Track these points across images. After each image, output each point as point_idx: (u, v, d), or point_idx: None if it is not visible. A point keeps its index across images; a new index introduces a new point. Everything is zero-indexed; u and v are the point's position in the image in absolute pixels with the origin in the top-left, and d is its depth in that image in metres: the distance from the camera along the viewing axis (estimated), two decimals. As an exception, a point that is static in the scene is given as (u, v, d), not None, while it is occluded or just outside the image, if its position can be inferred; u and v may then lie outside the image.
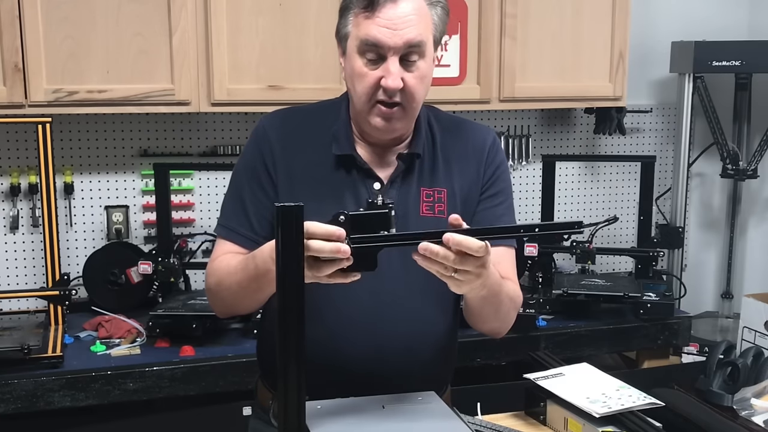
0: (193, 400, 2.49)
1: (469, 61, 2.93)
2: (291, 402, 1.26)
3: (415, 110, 1.55)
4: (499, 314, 1.57)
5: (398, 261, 1.55)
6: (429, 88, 1.57)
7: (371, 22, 1.47)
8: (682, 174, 3.40)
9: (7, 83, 2.51)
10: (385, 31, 1.47)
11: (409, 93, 1.50)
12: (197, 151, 3.05)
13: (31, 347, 2.36)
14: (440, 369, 1.67)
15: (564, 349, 2.81)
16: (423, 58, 1.51)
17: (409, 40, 1.47)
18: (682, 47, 3.35)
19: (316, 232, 1.26)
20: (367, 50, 1.49)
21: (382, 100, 1.51)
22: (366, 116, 1.54)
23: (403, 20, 1.47)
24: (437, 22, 1.54)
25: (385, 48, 1.47)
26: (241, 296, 1.53)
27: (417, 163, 1.61)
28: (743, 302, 2.99)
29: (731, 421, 1.70)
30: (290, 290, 1.25)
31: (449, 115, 1.71)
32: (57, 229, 2.57)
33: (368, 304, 1.55)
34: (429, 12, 1.52)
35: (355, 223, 1.29)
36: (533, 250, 3.02)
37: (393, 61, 1.48)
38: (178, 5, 2.60)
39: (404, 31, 1.47)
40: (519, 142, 3.41)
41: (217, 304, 1.63)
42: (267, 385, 1.68)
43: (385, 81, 1.48)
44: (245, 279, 1.48)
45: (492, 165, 1.65)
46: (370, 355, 1.54)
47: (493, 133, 1.70)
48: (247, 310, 1.62)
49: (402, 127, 1.56)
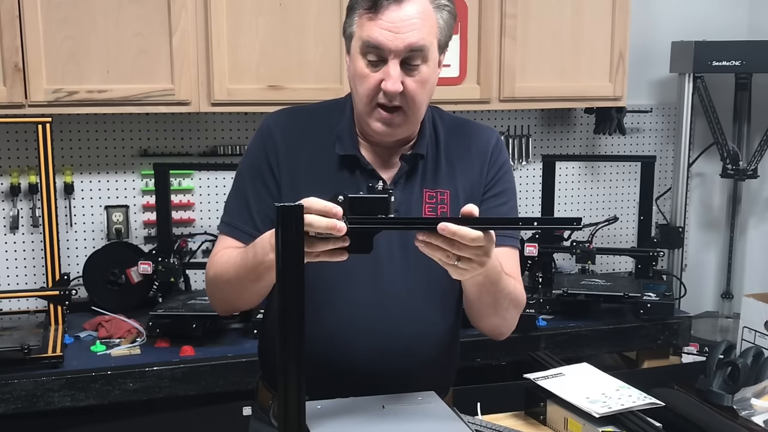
0: (193, 400, 2.49)
1: (469, 61, 2.93)
2: (291, 402, 1.26)
3: (416, 115, 1.54)
4: (498, 308, 1.54)
5: (400, 262, 1.55)
6: (433, 93, 1.56)
7: (374, 24, 1.47)
8: (682, 174, 3.40)
9: (7, 83, 2.51)
10: (386, 34, 1.46)
11: (410, 97, 1.50)
12: (197, 151, 3.05)
13: (31, 347, 2.36)
14: (442, 371, 1.67)
15: (564, 349, 2.81)
16: (426, 63, 1.50)
17: (411, 44, 1.46)
18: (682, 47, 3.35)
19: (313, 206, 1.25)
20: (368, 52, 1.48)
21: (382, 103, 1.50)
22: (367, 119, 1.54)
23: (405, 23, 1.46)
24: (443, 26, 1.52)
25: (386, 51, 1.46)
26: (240, 288, 1.53)
27: (420, 165, 1.60)
28: (743, 302, 2.99)
29: (731, 421, 1.70)
30: (290, 290, 1.25)
31: (453, 115, 1.71)
32: (57, 229, 2.56)
33: (369, 305, 1.54)
34: (434, 15, 1.51)
35: (353, 205, 1.29)
36: (533, 250, 3.02)
37: (394, 64, 1.47)
38: (178, 5, 2.60)
39: (406, 34, 1.46)
40: (519, 142, 3.41)
41: (216, 298, 1.63)
42: (268, 386, 1.68)
43: (384, 84, 1.47)
44: (244, 268, 1.48)
45: (495, 165, 1.65)
46: (372, 356, 1.54)
47: (497, 133, 1.70)
48: (246, 304, 1.61)
49: (403, 131, 1.56)
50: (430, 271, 1.49)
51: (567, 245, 3.14)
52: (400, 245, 1.56)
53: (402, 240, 1.55)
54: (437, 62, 1.55)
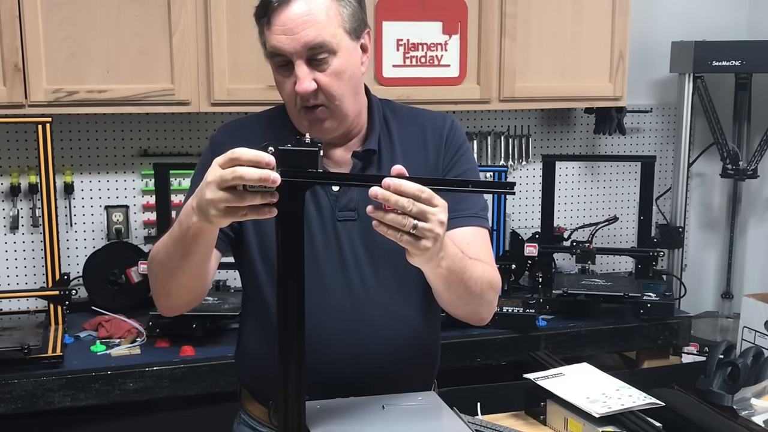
0: (193, 400, 2.49)
1: (469, 61, 2.93)
2: (291, 402, 1.26)
3: (340, 107, 1.50)
4: (471, 296, 1.48)
5: (366, 261, 1.53)
6: (357, 81, 1.53)
7: (271, 31, 1.46)
8: (682, 174, 3.40)
9: (7, 83, 2.51)
10: (282, 38, 1.44)
11: (327, 91, 1.47)
12: (197, 151, 3.04)
13: (31, 347, 2.36)
14: (421, 369, 1.64)
15: (564, 349, 2.81)
16: (334, 54, 1.46)
17: (307, 42, 1.44)
18: (682, 47, 3.35)
19: (243, 155, 1.20)
20: (275, 59, 1.48)
21: (303, 105, 1.49)
22: (298, 123, 1.53)
23: (297, 23, 1.43)
24: (347, 12, 1.48)
25: (288, 54, 1.45)
26: (171, 267, 1.45)
27: (375, 159, 1.57)
28: (743, 302, 2.98)
29: (731, 421, 1.70)
30: (290, 290, 1.25)
31: (405, 106, 1.68)
32: (57, 229, 2.57)
33: (343, 307, 1.52)
34: (332, 5, 1.46)
35: (281, 158, 1.22)
36: (533, 250, 3.02)
37: (299, 65, 1.45)
38: (178, 5, 2.60)
39: (300, 34, 1.43)
40: (519, 142, 3.41)
41: (154, 288, 1.55)
42: (252, 393, 1.66)
43: (296, 87, 1.46)
44: (171, 243, 1.42)
45: (451, 149, 1.61)
46: (347, 358, 1.52)
47: (451, 117, 1.66)
48: (181, 294, 1.52)
49: (334, 125, 1.53)
50: (397, 268, 1.48)
51: (567, 245, 3.14)
52: (364, 245, 1.53)
53: (365, 239, 1.52)
54: (355, 48, 1.51)
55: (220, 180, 1.21)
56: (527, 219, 3.47)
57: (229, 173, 1.20)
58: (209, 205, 1.23)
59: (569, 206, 3.55)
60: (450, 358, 2.62)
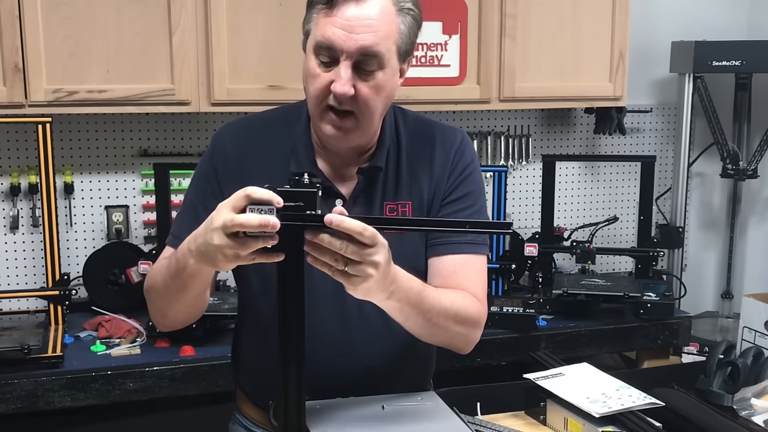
0: (193, 400, 2.49)
1: (469, 61, 2.93)
2: (291, 402, 1.26)
3: (369, 122, 1.45)
4: (434, 329, 1.44)
5: None
6: (389, 102, 1.49)
7: (328, 21, 1.38)
8: (682, 174, 3.40)
9: (7, 83, 2.51)
10: (339, 33, 1.37)
11: (362, 102, 1.41)
12: (197, 151, 3.04)
13: (31, 347, 2.36)
14: (413, 374, 1.63)
15: (564, 349, 2.81)
16: (382, 69, 1.41)
17: (364, 46, 1.37)
18: (682, 47, 3.35)
19: (255, 194, 1.20)
20: (320, 51, 1.40)
21: (332, 105, 1.42)
22: (318, 121, 1.46)
23: (361, 23, 1.37)
24: (404, 31, 1.43)
25: (338, 51, 1.38)
26: (168, 297, 1.47)
27: (380, 177, 1.53)
28: (743, 302, 2.98)
29: (731, 421, 1.70)
30: (290, 290, 1.25)
31: (418, 115, 1.62)
32: (57, 229, 2.57)
33: (333, 316, 1.51)
34: (396, 19, 1.41)
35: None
36: (533, 250, 3.02)
37: (345, 65, 1.38)
38: (178, 5, 2.60)
39: (360, 35, 1.37)
40: (519, 142, 3.41)
41: (151, 309, 1.57)
42: (247, 394, 1.66)
43: (334, 85, 1.39)
44: (169, 277, 1.42)
45: (457, 169, 1.56)
46: (339, 367, 1.51)
47: (462, 133, 1.60)
48: (179, 317, 1.55)
49: (356, 137, 1.47)
50: None
51: (567, 245, 3.14)
52: None
53: None
54: (397, 70, 1.46)
55: (223, 226, 1.21)
56: (527, 219, 3.47)
57: (229, 221, 1.20)
58: (217, 251, 1.23)
59: (569, 206, 3.55)
60: (450, 358, 2.59)
